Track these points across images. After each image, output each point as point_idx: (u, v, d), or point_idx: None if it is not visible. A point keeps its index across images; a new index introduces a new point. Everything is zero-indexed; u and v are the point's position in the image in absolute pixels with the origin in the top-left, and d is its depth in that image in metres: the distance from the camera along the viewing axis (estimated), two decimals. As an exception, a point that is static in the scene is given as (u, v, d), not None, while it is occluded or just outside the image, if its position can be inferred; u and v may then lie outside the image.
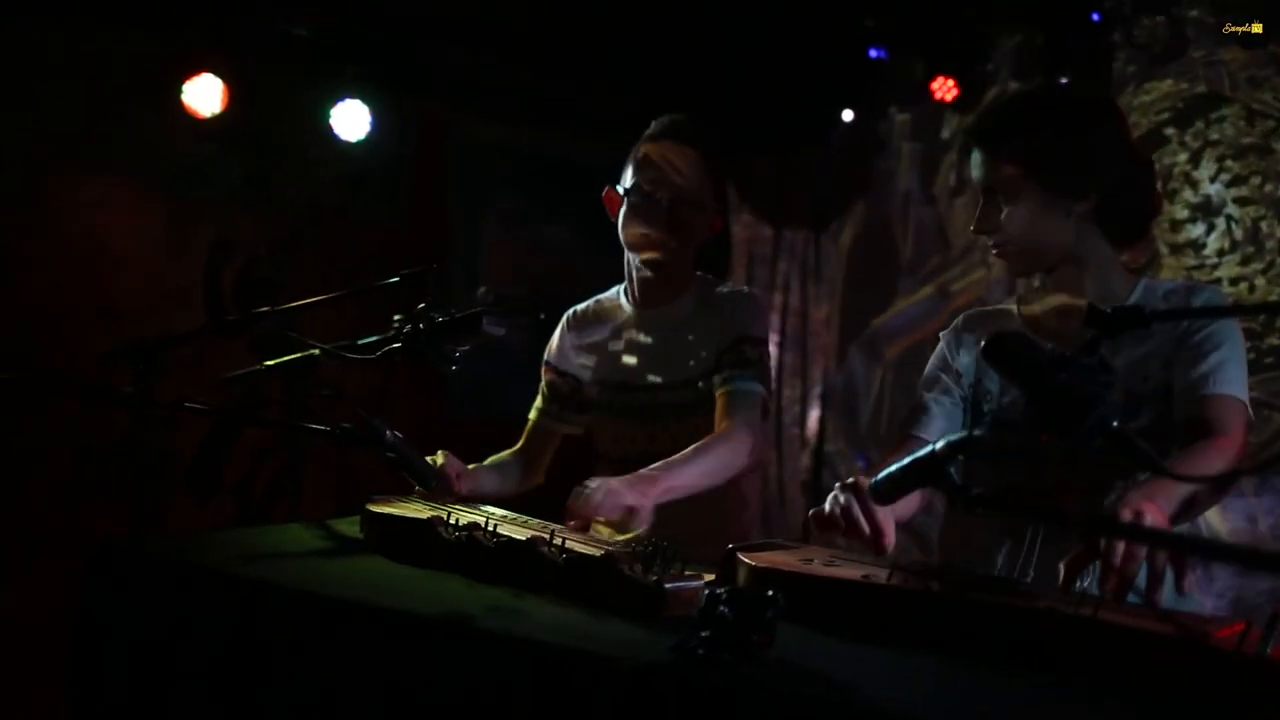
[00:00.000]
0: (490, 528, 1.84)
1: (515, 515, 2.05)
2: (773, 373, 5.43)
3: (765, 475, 5.37)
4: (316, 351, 2.32)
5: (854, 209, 5.40)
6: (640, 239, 2.42)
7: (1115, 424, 1.35)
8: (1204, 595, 1.80)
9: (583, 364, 2.58)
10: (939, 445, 1.35)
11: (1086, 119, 2.02)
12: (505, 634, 1.44)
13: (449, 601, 1.62)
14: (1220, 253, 4.37)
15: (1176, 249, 4.46)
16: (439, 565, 1.85)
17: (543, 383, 2.64)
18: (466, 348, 2.06)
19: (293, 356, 2.35)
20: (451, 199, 5.00)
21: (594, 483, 2.04)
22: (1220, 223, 4.36)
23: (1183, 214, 4.44)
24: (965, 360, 2.12)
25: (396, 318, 2.19)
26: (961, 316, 2.24)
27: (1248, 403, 1.91)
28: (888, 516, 1.71)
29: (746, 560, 1.70)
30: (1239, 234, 4.33)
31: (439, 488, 2.18)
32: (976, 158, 2.04)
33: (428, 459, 2.28)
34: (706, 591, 1.36)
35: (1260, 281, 4.28)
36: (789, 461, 5.38)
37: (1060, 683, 1.31)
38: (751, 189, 5.64)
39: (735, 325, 2.41)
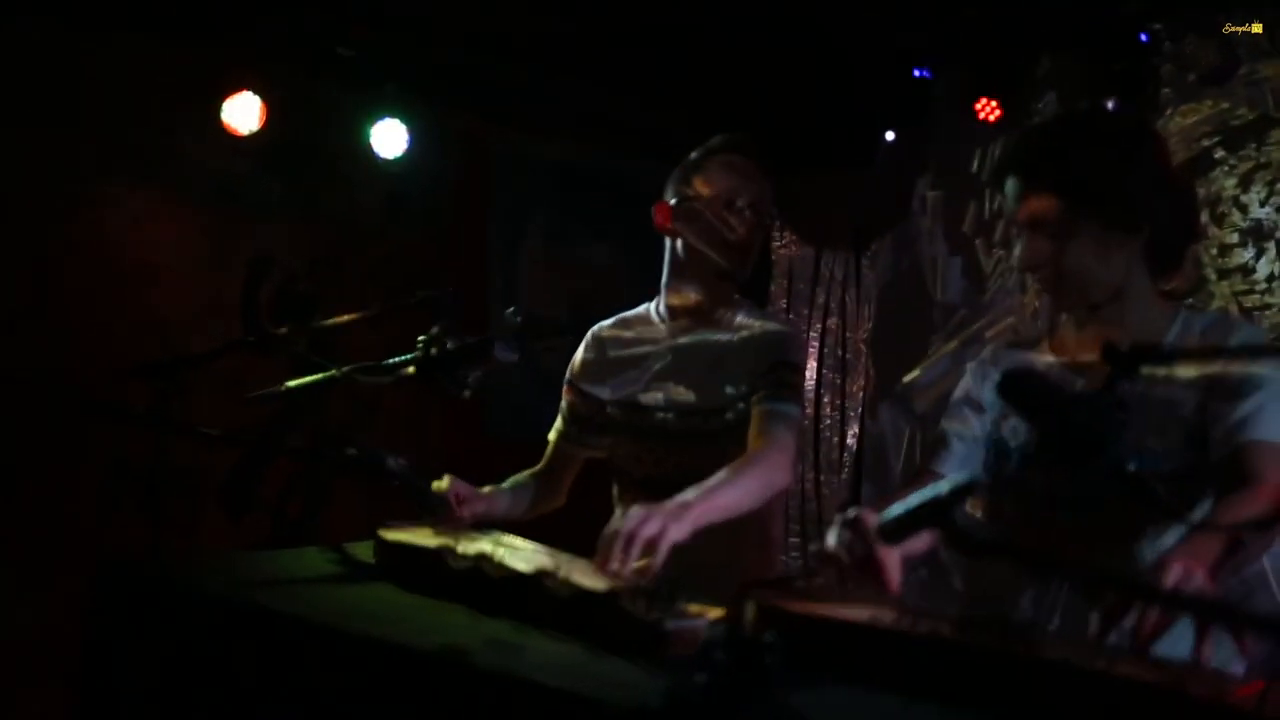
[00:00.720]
0: (498, 558, 1.82)
1: (529, 544, 2.01)
2: (806, 397, 5.43)
3: (803, 494, 5.31)
4: (336, 373, 2.31)
5: (887, 244, 5.34)
6: (703, 255, 2.39)
7: (1132, 467, 1.30)
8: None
9: (607, 384, 2.50)
10: (944, 489, 1.31)
11: (1133, 146, 1.96)
12: (499, 671, 1.42)
13: (449, 634, 1.60)
14: (1270, 278, 4.26)
15: (1225, 274, 4.35)
16: (447, 595, 1.83)
17: (564, 403, 2.57)
18: (479, 373, 2.03)
19: (313, 378, 2.35)
20: (491, 216, 5.00)
21: (620, 517, 1.93)
22: (1271, 248, 4.25)
23: (1232, 238, 4.33)
24: (990, 394, 2.06)
25: (420, 339, 2.17)
26: (989, 348, 2.19)
27: None
28: (893, 554, 1.66)
29: (755, 600, 1.65)
30: (1290, 260, 4.22)
31: (443, 513, 2.14)
32: (1017, 189, 1.95)
33: (435, 483, 2.25)
34: (705, 634, 1.33)
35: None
36: (828, 480, 5.32)
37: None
38: (793, 208, 5.59)
39: (774, 351, 2.35)
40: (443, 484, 2.25)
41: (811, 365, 5.46)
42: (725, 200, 2.35)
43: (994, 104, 4.61)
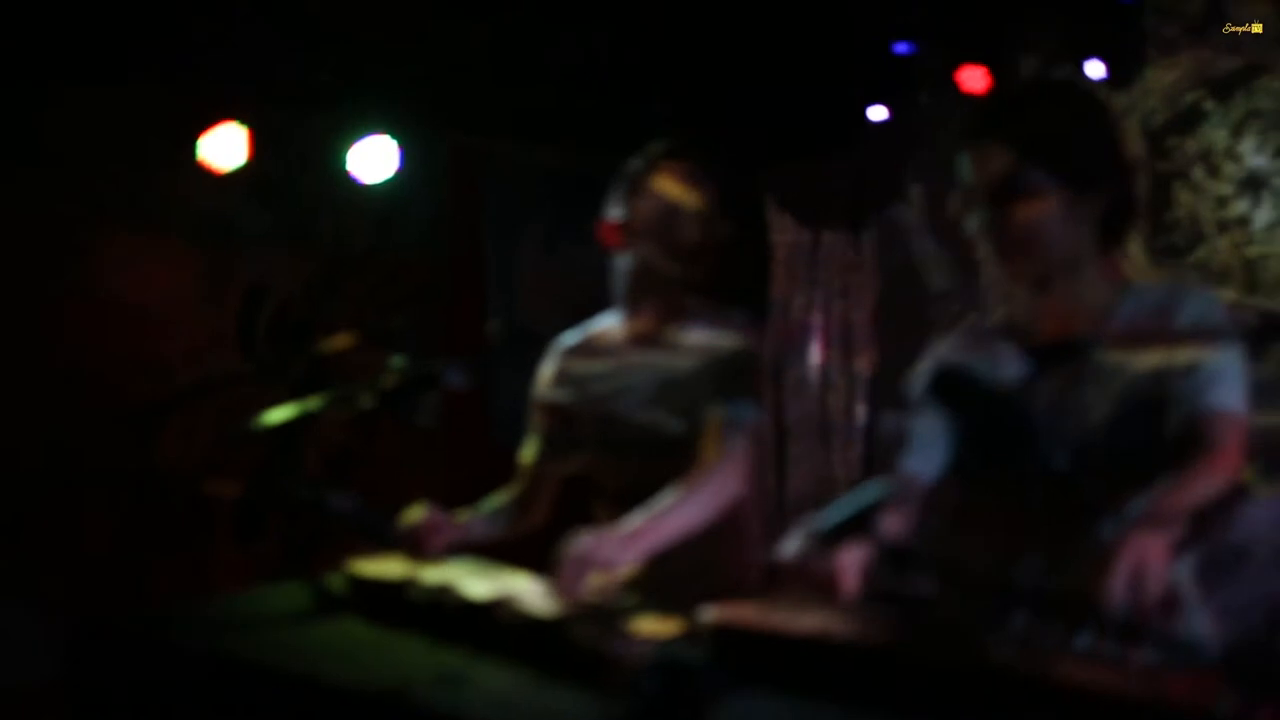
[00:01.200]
0: (457, 588, 1.82)
1: (502, 571, 2.02)
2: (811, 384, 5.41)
3: (815, 477, 5.30)
4: (306, 409, 2.32)
5: (879, 236, 5.30)
6: (652, 269, 2.37)
7: (1059, 465, 1.28)
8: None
9: (576, 400, 2.46)
10: (869, 498, 1.30)
11: (1094, 114, 1.94)
12: (436, 708, 1.42)
13: (398, 670, 1.61)
14: (1271, 226, 4.19)
15: (1224, 226, 4.28)
16: (410, 626, 1.84)
17: (534, 423, 2.53)
18: (435, 400, 2.03)
19: (285, 416, 2.36)
20: (485, 230, 5.00)
21: (570, 545, 1.94)
22: (1268, 196, 4.18)
23: (1228, 190, 4.26)
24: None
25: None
26: (952, 335, 2.13)
27: (1245, 413, 1.78)
28: (850, 561, 1.64)
29: (711, 616, 1.64)
30: (1289, 207, 4.15)
31: (414, 546, 2.15)
32: (979, 153, 1.88)
33: (406, 513, 2.25)
34: (639, 661, 1.32)
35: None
36: (839, 460, 5.30)
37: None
38: (787, 194, 5.56)
39: (734, 351, 2.33)
40: (415, 514, 2.25)
41: (816, 350, 5.44)
42: (673, 210, 2.33)
43: (981, 71, 4.55)
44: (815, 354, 5.48)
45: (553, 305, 5.12)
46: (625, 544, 1.96)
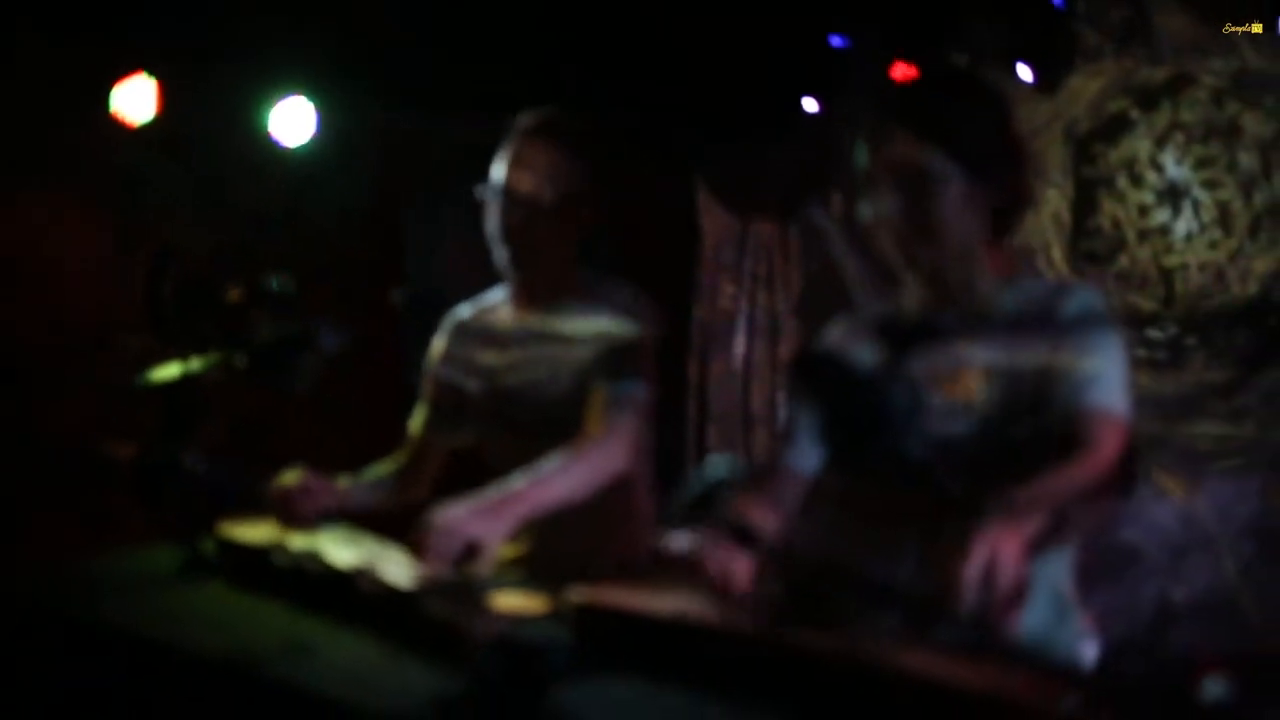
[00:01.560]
0: (321, 555, 1.78)
1: (367, 540, 1.97)
2: (735, 367, 5.40)
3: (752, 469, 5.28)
4: (188, 369, 2.26)
5: (800, 235, 5.29)
6: (500, 245, 2.32)
7: (919, 453, 1.25)
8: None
9: (464, 373, 2.43)
10: (709, 478, 1.27)
11: (996, 105, 1.92)
12: (272, 680, 1.38)
13: (251, 638, 1.56)
14: (1189, 237, 4.23)
15: (1145, 235, 4.32)
16: (274, 593, 1.79)
17: (424, 395, 2.50)
18: (309, 363, 1.97)
19: (167, 374, 2.30)
20: (407, 199, 4.92)
21: (437, 515, 1.88)
22: (1187, 206, 4.22)
23: (1149, 199, 4.30)
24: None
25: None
26: (838, 323, 2.11)
27: (1125, 412, 1.77)
28: (742, 556, 1.60)
29: (574, 597, 1.61)
30: (1207, 217, 4.19)
31: (285, 510, 2.09)
32: (881, 135, 1.86)
33: (283, 475, 2.19)
34: (485, 640, 1.29)
35: (1228, 265, 4.14)
36: (761, 448, 5.29)
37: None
38: (718, 181, 5.54)
39: (616, 324, 2.29)
40: (291, 476, 2.19)
41: (740, 337, 5.43)
42: (500, 191, 2.29)
43: (910, 68, 4.55)
44: (740, 343, 5.47)
45: (476, 278, 5.06)
46: (495, 515, 1.90)
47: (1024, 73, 4.35)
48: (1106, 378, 1.77)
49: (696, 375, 5.62)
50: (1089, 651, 1.88)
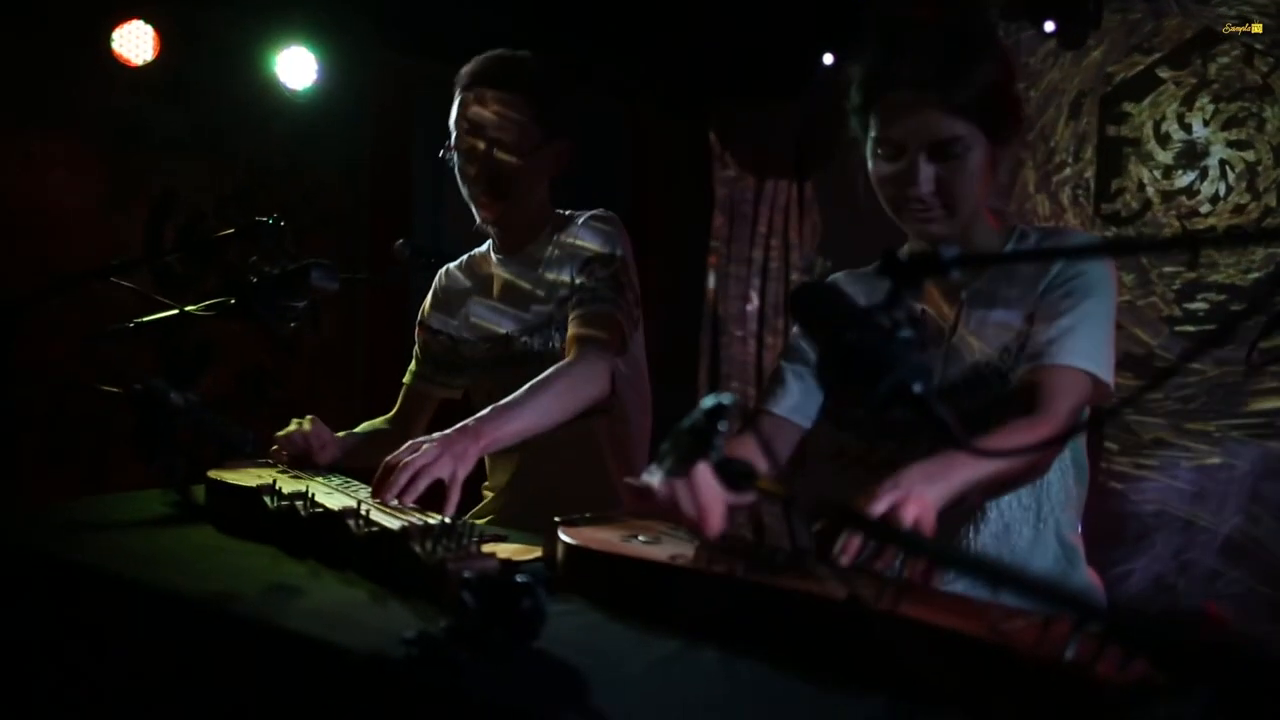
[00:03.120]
0: (311, 497, 1.72)
1: (354, 484, 1.93)
2: (748, 328, 5.32)
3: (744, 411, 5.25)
4: (178, 310, 2.20)
5: (825, 185, 5.19)
6: (470, 199, 2.33)
7: (917, 388, 1.17)
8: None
9: (455, 321, 2.48)
10: (698, 415, 1.20)
11: (1004, 55, 1.82)
12: (251, 618, 1.32)
13: (231, 580, 1.50)
14: (1214, 199, 4.13)
15: (1168, 196, 4.22)
16: (262, 537, 1.74)
17: (417, 344, 2.54)
18: (301, 304, 1.91)
19: (159, 315, 2.24)
20: (413, 150, 4.84)
21: (397, 454, 1.88)
22: (1214, 168, 4.11)
23: (1176, 159, 4.20)
24: None
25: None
26: (833, 277, 2.05)
27: (1095, 371, 1.68)
28: (717, 497, 1.53)
29: (562, 537, 1.55)
30: (1233, 179, 4.08)
31: (248, 451, 2.04)
32: (902, 103, 1.71)
33: (295, 422, 2.17)
34: (464, 575, 1.22)
35: (1254, 229, 4.04)
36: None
37: (841, 683, 1.15)
38: (733, 138, 5.45)
39: (585, 248, 2.29)
40: (303, 424, 2.20)
41: (754, 297, 5.35)
42: (456, 137, 2.30)
43: (932, 14, 4.44)
44: (753, 297, 5.40)
45: (480, 230, 4.99)
46: (463, 453, 1.88)
47: (1048, 26, 4.25)
48: (1082, 332, 1.69)
49: (709, 336, 5.56)
50: (1096, 600, 1.83)
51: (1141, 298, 4.22)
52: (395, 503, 1.77)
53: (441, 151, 2.35)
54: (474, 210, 2.35)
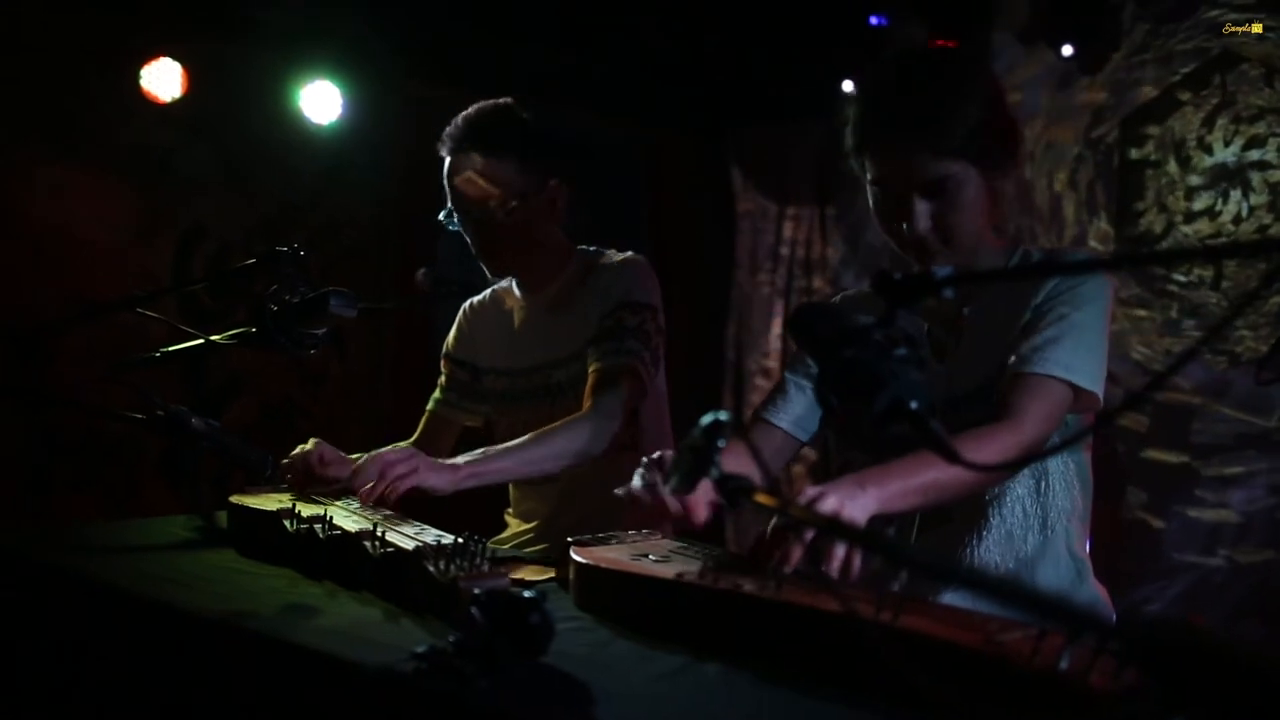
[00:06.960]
0: (330, 520, 1.76)
1: (376, 511, 1.95)
2: (771, 350, 5.33)
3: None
4: (204, 340, 2.24)
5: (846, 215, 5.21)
6: (476, 258, 2.40)
7: (913, 405, 1.19)
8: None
9: (480, 353, 2.53)
10: (696, 432, 1.22)
11: (992, 86, 1.84)
12: (266, 635, 1.35)
13: (249, 600, 1.53)
14: (1237, 220, 4.12)
15: (1191, 217, 4.22)
16: (282, 559, 1.77)
17: (442, 375, 2.59)
18: (321, 331, 1.95)
19: (184, 345, 2.28)
20: (437, 181, 4.89)
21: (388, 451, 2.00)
22: (1236, 189, 4.11)
23: (1197, 180, 4.19)
24: None
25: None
26: (840, 296, 2.08)
27: (1074, 380, 1.68)
28: (701, 494, 1.57)
29: (574, 556, 1.58)
30: (1256, 200, 4.07)
31: (267, 474, 2.07)
32: (898, 150, 1.73)
33: (301, 446, 2.20)
34: (475, 593, 1.24)
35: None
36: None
37: (841, 696, 1.17)
38: (754, 162, 5.49)
39: (615, 292, 2.31)
40: (307, 447, 2.20)
41: (777, 322, 5.37)
42: (452, 209, 2.35)
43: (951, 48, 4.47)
44: (776, 323, 5.42)
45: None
46: (444, 470, 2.00)
47: (1066, 51, 4.27)
48: (1066, 342, 1.70)
49: (734, 360, 5.58)
50: (1103, 614, 1.83)
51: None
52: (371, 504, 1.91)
53: (441, 214, 2.39)
54: (485, 266, 2.42)
